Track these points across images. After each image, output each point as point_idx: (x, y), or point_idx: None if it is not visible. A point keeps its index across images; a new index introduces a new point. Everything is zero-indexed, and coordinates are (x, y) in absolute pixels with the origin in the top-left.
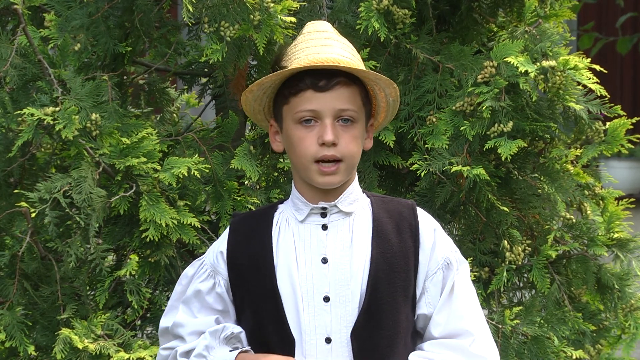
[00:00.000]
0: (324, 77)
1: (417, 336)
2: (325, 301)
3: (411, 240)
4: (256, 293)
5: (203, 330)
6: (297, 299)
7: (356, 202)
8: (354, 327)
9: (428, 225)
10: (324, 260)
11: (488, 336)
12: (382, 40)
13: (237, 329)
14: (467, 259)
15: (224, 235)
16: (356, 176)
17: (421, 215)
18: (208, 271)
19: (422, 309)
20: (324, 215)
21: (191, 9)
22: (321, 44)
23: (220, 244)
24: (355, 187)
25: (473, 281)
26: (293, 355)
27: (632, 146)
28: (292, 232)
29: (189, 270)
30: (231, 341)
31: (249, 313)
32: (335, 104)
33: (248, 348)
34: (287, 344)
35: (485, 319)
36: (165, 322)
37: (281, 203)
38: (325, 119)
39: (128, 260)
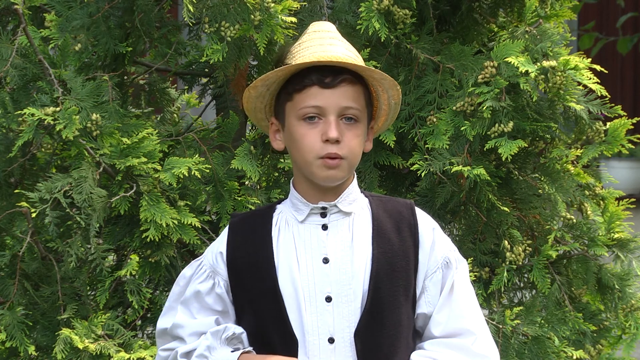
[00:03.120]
0: (330, 73)
1: (416, 335)
2: (327, 301)
3: (411, 239)
4: (258, 294)
5: (203, 331)
6: (299, 299)
7: (355, 202)
8: (357, 327)
9: (427, 224)
10: (325, 260)
11: (488, 335)
12: (382, 40)
13: (239, 329)
14: (467, 259)
15: (223, 235)
16: (355, 176)
17: (420, 215)
18: (207, 272)
19: (421, 307)
20: (324, 215)
21: (192, 9)
22: (326, 43)
23: (220, 245)
24: (354, 187)
25: (473, 281)
26: (296, 355)
27: (633, 146)
28: (292, 233)
29: (186, 271)
30: (232, 342)
31: (251, 314)
32: (340, 101)
33: (250, 349)
34: (290, 344)
35: (484, 318)
36: (163, 323)
37: (279, 203)
38: (329, 116)
39: (128, 261)
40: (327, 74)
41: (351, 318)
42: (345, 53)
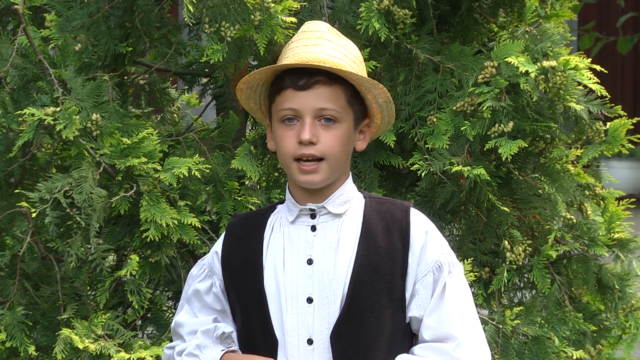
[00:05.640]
0: (304, 76)
1: (414, 338)
2: (308, 302)
3: (400, 242)
4: (245, 293)
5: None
6: (281, 299)
7: (348, 203)
8: (333, 329)
9: (420, 227)
10: (310, 262)
11: (477, 341)
12: (382, 40)
13: (229, 328)
14: (467, 259)
15: (222, 236)
16: (350, 177)
17: (414, 217)
18: (206, 271)
19: (412, 311)
20: (313, 216)
21: (192, 9)
22: (310, 44)
23: (217, 245)
24: (347, 188)
25: (474, 281)
26: (276, 356)
27: (633, 146)
28: (283, 233)
29: (193, 270)
30: (226, 341)
31: (238, 313)
32: (315, 103)
33: (235, 348)
34: (271, 344)
35: (479, 322)
36: (173, 321)
37: (281, 204)
38: (305, 118)
39: (129, 261)
40: (302, 76)
41: (330, 320)
42: (329, 53)
